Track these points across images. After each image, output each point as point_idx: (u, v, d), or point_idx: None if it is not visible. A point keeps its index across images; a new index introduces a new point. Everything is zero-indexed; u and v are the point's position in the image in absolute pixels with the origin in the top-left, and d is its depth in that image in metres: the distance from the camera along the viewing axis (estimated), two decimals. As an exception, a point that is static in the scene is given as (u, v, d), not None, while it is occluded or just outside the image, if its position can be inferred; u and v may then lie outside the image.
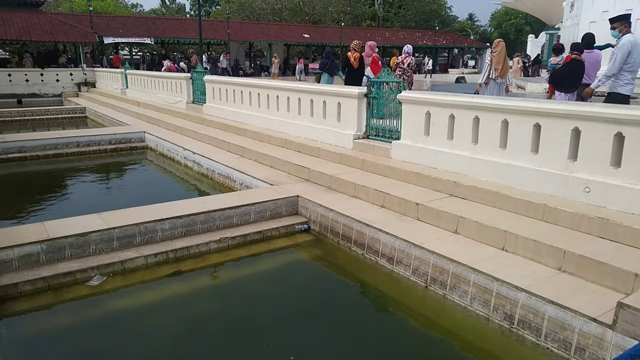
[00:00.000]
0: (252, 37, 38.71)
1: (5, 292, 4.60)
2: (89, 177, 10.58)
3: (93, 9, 33.16)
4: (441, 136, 6.42)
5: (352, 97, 7.89)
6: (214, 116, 12.47)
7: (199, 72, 13.99)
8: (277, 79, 21.28)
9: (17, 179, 10.26)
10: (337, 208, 6.07)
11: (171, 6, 67.35)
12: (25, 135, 12.61)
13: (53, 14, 30.61)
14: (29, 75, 24.63)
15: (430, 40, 47.79)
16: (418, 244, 4.90)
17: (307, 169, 7.56)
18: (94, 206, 7.36)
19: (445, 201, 5.66)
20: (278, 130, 9.82)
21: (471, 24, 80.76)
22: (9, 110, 19.71)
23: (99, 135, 12.32)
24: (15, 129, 16.84)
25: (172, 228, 5.79)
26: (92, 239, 5.26)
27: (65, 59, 28.14)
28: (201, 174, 9.61)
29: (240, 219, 6.31)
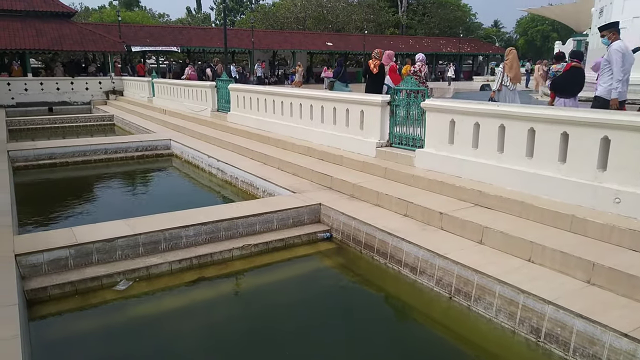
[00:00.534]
0: (275, 45, 39.11)
1: (35, 296, 4.73)
2: (115, 183, 10.81)
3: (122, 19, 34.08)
4: (466, 145, 6.36)
5: (376, 105, 7.88)
6: (238, 124, 12.61)
7: (224, 81, 14.18)
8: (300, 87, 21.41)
9: (47, 185, 10.55)
10: (359, 216, 6.05)
11: (197, 16, 68.61)
12: (55, 142, 12.97)
13: (83, 24, 31.54)
14: (60, 83, 25.35)
15: (455, 47, 47.46)
16: (442, 254, 4.84)
17: (330, 176, 7.57)
18: (121, 212, 7.52)
19: (469, 211, 5.59)
20: (301, 138, 9.87)
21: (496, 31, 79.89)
22: (40, 118, 20.34)
23: (126, 143, 12.58)
24: (46, 136, 17.34)
25: (196, 235, 5.86)
26: (119, 244, 5.36)
27: (94, 67, 28.89)
28: (225, 181, 9.71)
29: (262, 227, 6.35)
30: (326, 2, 52.02)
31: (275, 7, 55.91)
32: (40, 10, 26.62)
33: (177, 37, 35.25)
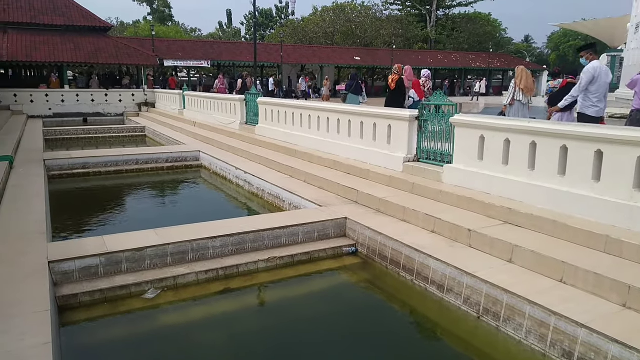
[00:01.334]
0: (304, 59, 39.52)
1: (66, 302, 4.84)
2: (146, 193, 11.04)
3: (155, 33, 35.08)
4: (495, 161, 6.26)
5: (404, 120, 7.86)
6: (265, 137, 12.74)
7: (253, 94, 14.39)
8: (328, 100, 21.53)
9: (80, 193, 10.85)
10: (385, 232, 6.01)
11: (228, 30, 70.07)
12: (89, 152, 13.36)
13: (119, 38, 32.55)
14: (95, 95, 26.23)
15: (484, 62, 47.05)
16: (470, 272, 4.75)
17: (356, 191, 7.55)
18: (150, 221, 7.66)
19: (499, 228, 5.48)
20: (328, 151, 9.90)
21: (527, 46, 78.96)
22: (75, 128, 21.00)
23: (157, 154, 12.85)
24: (80, 146, 17.88)
25: (223, 246, 5.91)
26: (148, 253, 5.45)
27: (128, 80, 29.74)
28: (252, 193, 9.80)
29: (288, 239, 6.37)
30: (355, 17, 52.46)
31: (304, 22, 56.64)
32: (79, 25, 27.65)
33: (208, 51, 36.02)
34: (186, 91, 21.67)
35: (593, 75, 7.18)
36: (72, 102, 25.52)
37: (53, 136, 19.26)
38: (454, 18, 61.68)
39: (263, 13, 67.57)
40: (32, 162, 10.86)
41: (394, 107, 9.75)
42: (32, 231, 5.83)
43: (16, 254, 5.08)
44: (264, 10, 68.15)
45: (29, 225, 6.08)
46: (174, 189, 11.75)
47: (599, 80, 7.21)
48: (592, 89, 7.30)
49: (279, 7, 70.82)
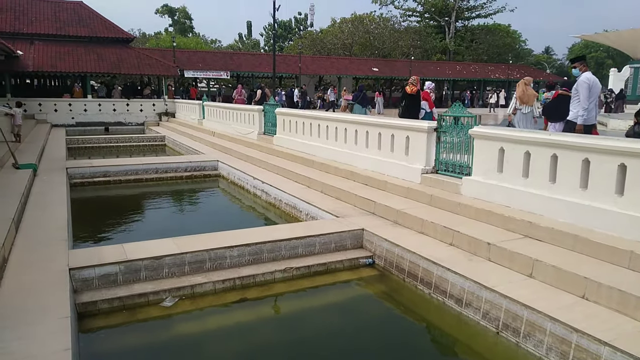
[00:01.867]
0: (322, 70, 39.74)
1: (85, 309, 4.90)
2: (165, 201, 11.17)
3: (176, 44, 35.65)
4: (515, 174, 6.18)
5: (422, 131, 7.83)
6: (283, 147, 12.81)
7: (271, 105, 14.50)
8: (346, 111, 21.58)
9: (101, 201, 11.02)
10: (403, 244, 5.96)
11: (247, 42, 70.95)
12: (109, 161, 13.59)
13: (141, 49, 33.21)
14: (117, 105, 26.77)
15: (504, 74, 46.70)
16: (489, 287, 4.68)
17: (373, 202, 7.52)
18: (169, 230, 7.74)
19: (519, 242, 5.40)
20: (345, 162, 9.90)
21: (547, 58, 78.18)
22: (97, 137, 21.40)
23: (176, 163, 13.02)
24: (101, 155, 18.21)
25: (240, 255, 5.94)
26: (166, 262, 5.50)
27: (149, 90, 30.26)
28: (269, 203, 9.83)
29: (305, 250, 6.36)
30: (373, 28, 52.65)
31: (323, 33, 57.05)
32: (102, 36, 28.30)
33: (227, 62, 36.48)
34: (205, 101, 21.94)
35: (589, 86, 7.37)
36: (94, 111, 26.08)
37: (75, 145, 19.66)
38: (473, 29, 61.43)
39: (282, 24, 68.28)
40: (54, 170, 11.09)
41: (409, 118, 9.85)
42: (53, 238, 5.94)
43: (38, 260, 5.17)
44: (283, 22, 68.87)
45: (51, 232, 6.19)
46: (193, 198, 11.86)
47: (592, 90, 7.43)
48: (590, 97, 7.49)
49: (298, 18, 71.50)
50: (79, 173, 11.61)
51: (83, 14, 29.28)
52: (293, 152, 11.92)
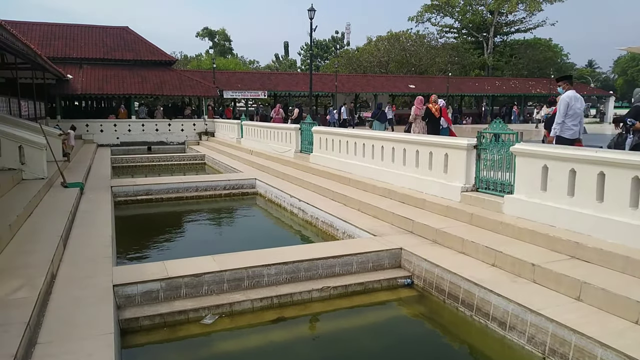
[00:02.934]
0: (357, 88, 39.91)
1: (128, 325, 5.02)
2: (204, 219, 11.39)
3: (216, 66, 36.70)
4: (560, 192, 5.98)
5: (461, 149, 7.71)
6: (319, 165, 12.87)
7: (308, 123, 14.64)
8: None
9: (143, 219, 11.35)
10: (443, 264, 5.84)
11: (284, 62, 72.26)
12: (152, 180, 14.01)
13: (182, 71, 34.35)
14: (159, 125, 27.67)
15: (545, 88, 45.58)
16: (535, 310, 4.50)
17: (411, 220, 7.43)
18: (208, 247, 7.88)
19: (565, 263, 5.19)
20: (382, 180, 9.85)
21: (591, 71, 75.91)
22: (140, 157, 22.15)
23: (215, 181, 13.29)
24: (144, 173, 18.81)
25: (278, 274, 5.96)
26: (206, 279, 5.58)
27: (189, 110, 31.18)
28: (305, 221, 9.86)
29: (342, 269, 6.32)
30: (409, 45, 52.64)
31: (359, 51, 57.48)
32: (146, 60, 29.49)
33: (265, 82, 37.19)
34: (244, 121, 22.39)
35: (568, 103, 7.99)
36: (137, 131, 27.05)
37: (120, 164, 20.40)
38: (512, 44, 60.53)
39: (319, 44, 69.27)
40: (100, 188, 11.52)
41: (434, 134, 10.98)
42: (99, 255, 6.14)
43: (85, 276, 5.35)
44: (320, 42, 69.89)
45: (97, 249, 6.41)
46: (231, 216, 12.04)
47: (573, 107, 8.03)
48: (569, 114, 8.07)
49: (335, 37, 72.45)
50: (123, 191, 12.01)
51: (128, 38, 30.66)
52: (330, 170, 11.96)
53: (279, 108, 23.65)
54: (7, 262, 5.49)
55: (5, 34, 10.69)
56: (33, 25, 29.38)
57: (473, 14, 58.23)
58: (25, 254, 5.73)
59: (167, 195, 12.42)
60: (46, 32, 29.33)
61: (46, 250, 5.85)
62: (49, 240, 6.30)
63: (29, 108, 21.11)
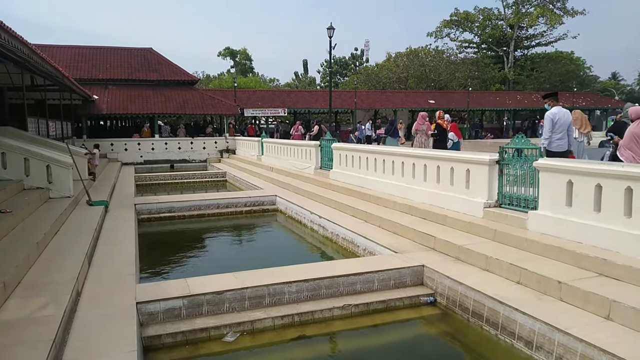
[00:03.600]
0: (377, 104, 39.98)
1: (150, 343, 5.04)
2: (225, 236, 11.45)
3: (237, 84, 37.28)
4: (586, 208, 5.85)
5: (483, 164, 7.62)
6: (339, 181, 12.87)
7: (328, 140, 14.70)
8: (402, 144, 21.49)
9: (166, 236, 11.48)
10: (466, 281, 5.74)
11: (303, 79, 72.98)
12: (174, 197, 14.18)
13: (204, 90, 34.99)
14: (181, 143, 28.15)
15: (568, 102, 44.89)
16: (562, 329, 4.38)
17: (433, 237, 7.34)
18: (229, 264, 7.92)
19: (593, 281, 5.05)
20: (402, 196, 9.78)
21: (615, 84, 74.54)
22: (163, 174, 22.50)
23: (236, 198, 13.39)
24: (167, 191, 19.08)
25: (299, 291, 5.94)
26: (227, 297, 5.59)
27: (211, 128, 31.65)
28: (326, 238, 9.84)
29: (363, 286, 6.27)
30: (429, 61, 52.64)
31: (378, 68, 57.71)
32: (169, 80, 30.17)
33: (285, 99, 37.59)
34: (264, 138, 22.60)
35: (552, 119, 8.45)
36: (161, 149, 27.55)
37: (143, 182, 20.72)
38: (533, 58, 60.02)
39: (338, 61, 69.80)
40: (124, 206, 11.72)
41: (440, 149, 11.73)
42: (122, 272, 6.21)
43: (109, 294, 5.42)
44: (339, 59, 70.41)
45: (120, 266, 6.49)
46: (251, 233, 12.09)
47: (559, 122, 8.42)
48: (555, 129, 8.46)
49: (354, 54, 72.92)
50: (147, 209, 12.19)
51: (152, 59, 31.46)
52: (349, 186, 11.94)
53: (298, 125, 23.86)
54: (34, 279, 5.61)
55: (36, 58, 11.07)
56: (61, 49, 30.43)
57: (492, 29, 58.09)
58: (51, 272, 5.84)
59: (189, 213, 12.56)
60: (74, 54, 30.33)
61: (72, 267, 5.95)
62: (75, 257, 6.41)
63: (56, 128, 21.70)
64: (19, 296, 5.05)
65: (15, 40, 9.03)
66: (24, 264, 5.79)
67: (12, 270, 5.31)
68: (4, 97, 18.09)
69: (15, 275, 5.37)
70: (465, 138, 40.61)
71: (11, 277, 5.19)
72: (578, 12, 54.55)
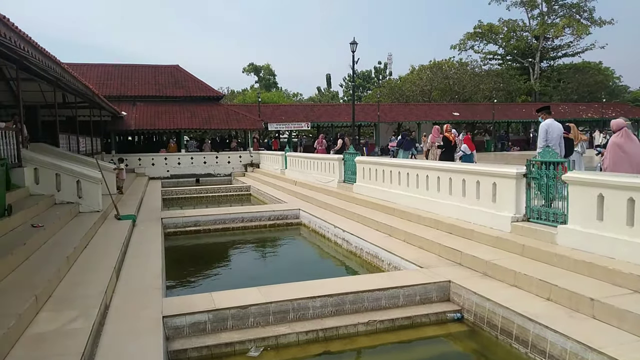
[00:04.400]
0: (400, 117, 39.90)
1: (176, 357, 5.08)
2: (249, 250, 11.51)
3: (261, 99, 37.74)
4: (618, 222, 5.67)
5: (510, 178, 7.49)
6: (363, 195, 12.82)
7: (351, 154, 14.70)
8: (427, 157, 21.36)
9: (191, 250, 11.60)
10: (494, 297, 5.61)
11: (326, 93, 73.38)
12: (200, 211, 14.35)
13: (229, 105, 35.54)
14: (207, 158, 28.59)
15: (597, 113, 44.01)
16: (596, 348, 4.22)
17: (459, 252, 7.22)
18: (254, 278, 7.94)
19: (628, 298, 4.87)
20: (427, 210, 9.67)
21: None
22: (189, 189, 22.82)
23: (260, 212, 13.47)
24: (192, 205, 19.34)
25: (323, 306, 5.90)
26: (252, 311, 5.60)
27: (235, 143, 32.05)
28: (350, 252, 9.78)
29: (388, 302, 6.20)
30: (452, 73, 52.35)
31: (402, 81, 57.65)
32: (195, 95, 30.79)
33: (308, 114, 37.88)
34: (288, 152, 22.74)
35: (546, 130, 9.07)
36: (187, 164, 28.02)
37: (169, 196, 21.06)
38: (560, 69, 59.09)
39: (361, 75, 70.04)
40: (151, 220, 11.92)
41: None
42: (149, 286, 6.30)
43: (136, 307, 5.49)
44: (362, 72, 70.66)
45: (147, 280, 6.58)
46: (275, 246, 12.12)
47: (552, 134, 9.06)
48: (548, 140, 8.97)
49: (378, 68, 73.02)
50: (173, 223, 12.37)
51: (179, 76, 32.19)
52: (373, 200, 11.88)
53: (321, 139, 23.93)
54: (64, 292, 5.73)
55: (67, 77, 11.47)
56: (91, 67, 31.44)
57: (517, 40, 57.49)
58: (80, 285, 5.96)
59: (214, 227, 12.68)
60: (103, 72, 31.29)
61: (100, 281, 6.06)
62: (103, 271, 6.53)
63: (86, 144, 22.32)
64: (50, 309, 5.16)
65: (48, 60, 9.38)
66: (55, 277, 5.93)
67: (44, 284, 5.44)
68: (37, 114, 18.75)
69: (47, 289, 5.50)
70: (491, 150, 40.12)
71: (42, 290, 5.32)
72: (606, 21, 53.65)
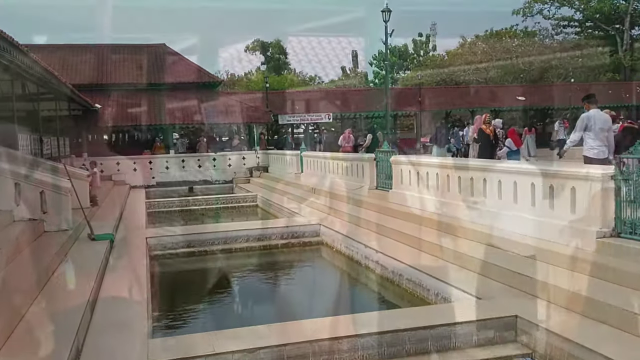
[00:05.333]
0: (448, 105, 39.69)
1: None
2: (257, 276, 11.64)
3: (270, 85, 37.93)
4: None
5: (595, 180, 7.36)
6: (401, 205, 12.74)
7: (385, 152, 14.63)
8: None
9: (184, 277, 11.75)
10: (576, 338, 5.50)
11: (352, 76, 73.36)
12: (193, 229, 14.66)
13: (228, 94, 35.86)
14: (202, 160, 28.71)
15: None
16: None
17: (529, 277, 7.13)
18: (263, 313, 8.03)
19: None
20: (486, 223, 9.56)
21: None
22: (180, 200, 23.13)
23: (269, 229, 13.60)
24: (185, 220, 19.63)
25: (351, 349, 5.88)
26: (261, 356, 5.61)
27: (237, 140, 32.25)
28: (385, 278, 9.74)
29: (436, 344, 6.14)
30: (516, 46, 51.91)
31: (449, 57, 57.40)
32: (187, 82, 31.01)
33: (329, 102, 37.87)
34: (304, 151, 22.75)
35: (586, 123, 9.80)
36: (177, 168, 28.15)
37: (156, 209, 21.29)
38: (657, 37, 58.04)
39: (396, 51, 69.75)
40: (133, 240, 12.08)
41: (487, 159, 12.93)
42: (132, 323, 6.37)
43: (114, 351, 5.56)
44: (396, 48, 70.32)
45: (129, 315, 6.66)
46: (290, 272, 12.16)
47: (594, 127, 9.70)
48: (589, 134, 9.80)
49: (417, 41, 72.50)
50: (160, 244, 12.53)
51: (166, 58, 32.50)
52: (415, 212, 11.81)
53: (348, 134, 23.90)
54: (26, 334, 5.81)
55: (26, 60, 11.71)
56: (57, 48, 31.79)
57: (599, 2, 56.61)
58: (46, 324, 6.05)
59: (212, 247, 12.78)
60: (71, 54, 31.67)
61: (71, 318, 6.14)
62: (74, 305, 6.62)
63: (51, 145, 22.70)
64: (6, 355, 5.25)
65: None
66: (7, 322, 5.86)
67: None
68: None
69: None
70: (565, 145, 39.45)
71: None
72: None
